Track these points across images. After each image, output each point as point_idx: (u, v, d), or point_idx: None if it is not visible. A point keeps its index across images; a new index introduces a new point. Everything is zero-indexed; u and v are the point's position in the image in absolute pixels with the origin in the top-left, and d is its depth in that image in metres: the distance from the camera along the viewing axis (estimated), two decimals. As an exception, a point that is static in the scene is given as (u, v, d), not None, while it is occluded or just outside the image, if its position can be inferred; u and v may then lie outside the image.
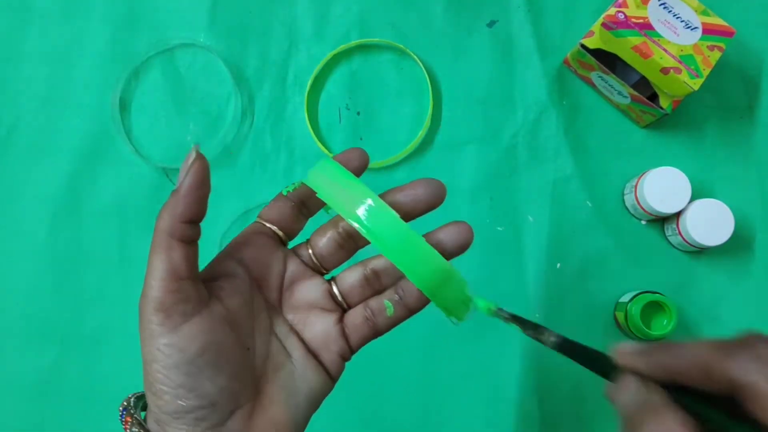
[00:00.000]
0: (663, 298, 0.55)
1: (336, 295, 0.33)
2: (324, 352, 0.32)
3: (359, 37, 0.62)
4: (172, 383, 0.27)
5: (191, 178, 0.29)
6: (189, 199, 0.29)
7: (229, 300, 0.30)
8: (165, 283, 0.28)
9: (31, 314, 0.59)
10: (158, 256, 0.28)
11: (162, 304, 0.27)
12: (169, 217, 0.29)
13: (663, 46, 0.54)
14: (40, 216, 0.60)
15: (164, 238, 0.28)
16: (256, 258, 0.32)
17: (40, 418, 0.58)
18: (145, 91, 0.62)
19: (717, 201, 0.56)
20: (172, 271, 0.28)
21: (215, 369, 0.28)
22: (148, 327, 0.28)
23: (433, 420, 0.57)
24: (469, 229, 0.33)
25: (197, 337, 0.28)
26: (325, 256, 0.33)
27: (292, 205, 0.33)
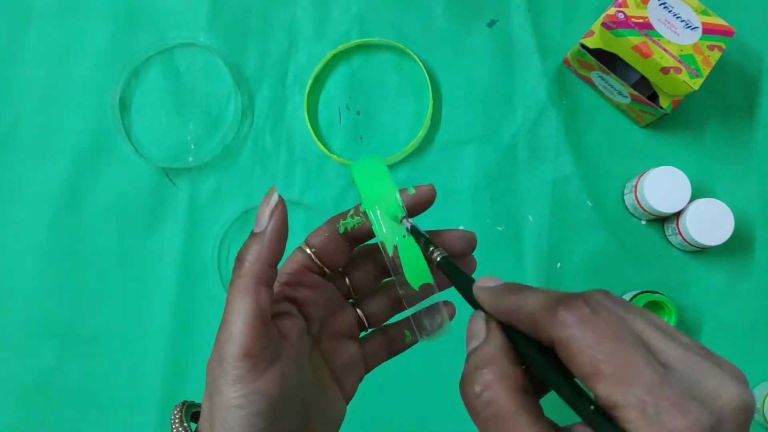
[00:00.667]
0: (663, 297, 0.55)
1: (363, 322, 0.34)
2: (346, 378, 0.33)
3: (359, 37, 0.62)
4: (252, 429, 0.27)
5: (276, 222, 0.28)
6: (275, 243, 0.28)
7: (293, 339, 0.30)
8: (253, 329, 0.27)
9: (31, 314, 0.59)
10: (244, 299, 0.27)
11: (250, 350, 0.27)
12: (258, 260, 0.28)
13: (663, 46, 0.54)
14: (40, 216, 0.60)
15: (251, 282, 0.27)
16: (308, 299, 0.31)
17: (40, 418, 0.58)
18: (145, 90, 0.62)
19: (717, 201, 0.56)
20: (260, 316, 0.27)
21: (289, 411, 0.28)
22: (232, 372, 0.26)
23: (433, 421, 0.57)
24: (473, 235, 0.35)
25: (279, 383, 0.27)
26: (362, 287, 0.34)
27: (348, 246, 0.32)
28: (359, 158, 0.31)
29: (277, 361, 0.27)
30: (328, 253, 0.31)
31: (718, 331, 0.58)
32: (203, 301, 0.59)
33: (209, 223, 0.60)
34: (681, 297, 0.58)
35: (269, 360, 0.27)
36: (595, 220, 0.60)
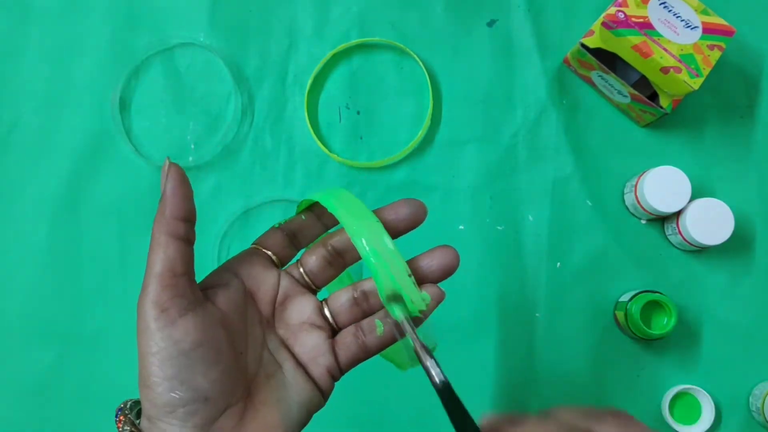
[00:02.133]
0: (663, 297, 0.55)
1: (327, 315, 0.35)
2: (313, 366, 0.34)
3: (359, 37, 0.62)
4: (165, 375, 0.28)
5: (171, 180, 0.31)
6: (174, 198, 0.31)
7: (223, 305, 0.32)
8: (161, 279, 0.29)
9: (31, 314, 0.59)
10: (155, 253, 0.30)
11: (158, 298, 0.29)
12: (161, 217, 0.30)
13: (663, 46, 0.54)
14: (40, 215, 0.60)
15: (159, 236, 0.30)
16: (251, 273, 0.34)
17: (40, 418, 0.58)
18: (145, 90, 0.62)
19: (717, 200, 0.56)
20: (168, 267, 0.30)
21: (208, 364, 0.29)
22: (145, 320, 0.29)
23: (433, 422, 0.57)
24: (454, 253, 0.35)
25: (191, 331, 0.29)
26: (316, 273, 0.35)
27: (284, 235, 0.35)
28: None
29: (189, 312, 0.29)
30: (270, 242, 0.35)
31: (718, 331, 0.58)
32: (203, 301, 0.59)
33: (209, 223, 0.60)
34: (681, 297, 0.58)
35: (181, 309, 0.29)
36: (595, 219, 0.60)
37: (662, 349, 0.58)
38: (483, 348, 0.58)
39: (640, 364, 0.58)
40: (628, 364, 0.58)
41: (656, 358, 0.58)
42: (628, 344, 0.58)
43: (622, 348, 0.58)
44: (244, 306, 0.33)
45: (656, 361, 0.58)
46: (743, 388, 0.58)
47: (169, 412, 0.29)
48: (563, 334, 0.59)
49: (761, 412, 0.55)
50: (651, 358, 0.58)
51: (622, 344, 0.58)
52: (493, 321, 0.59)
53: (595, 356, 0.58)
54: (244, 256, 0.35)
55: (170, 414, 0.29)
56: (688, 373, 0.58)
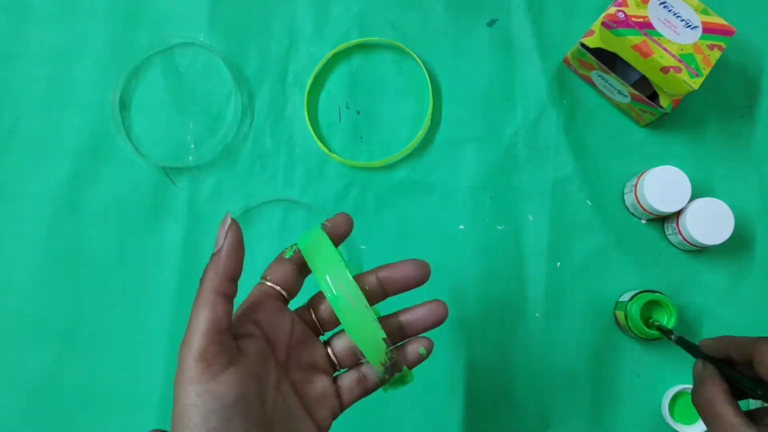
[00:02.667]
0: (663, 297, 0.55)
1: (332, 357, 0.37)
2: (319, 409, 0.36)
3: (359, 37, 0.62)
4: (206, 427, 0.29)
5: (231, 240, 0.32)
6: (231, 260, 0.32)
7: (252, 356, 0.33)
8: (208, 335, 0.30)
9: (31, 314, 0.59)
10: (202, 309, 0.31)
11: (204, 354, 0.30)
12: (215, 275, 0.32)
13: (663, 45, 0.54)
14: (40, 215, 0.60)
15: (209, 293, 0.31)
16: (269, 321, 0.35)
17: (40, 417, 0.58)
18: (145, 90, 0.62)
19: (717, 200, 0.56)
20: (216, 324, 0.31)
21: (244, 416, 0.30)
22: (188, 374, 0.30)
23: (434, 422, 0.57)
24: (444, 308, 0.38)
25: (232, 386, 0.30)
26: (326, 320, 0.37)
27: (294, 267, 0.37)
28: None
29: (231, 366, 0.31)
30: (280, 277, 0.36)
31: (718, 331, 0.58)
32: (203, 301, 0.59)
33: (209, 223, 0.60)
34: (681, 296, 0.58)
35: (223, 365, 0.30)
36: (595, 219, 0.60)
37: (662, 349, 0.58)
38: (483, 348, 0.58)
39: (640, 364, 0.58)
40: (628, 364, 0.58)
41: (656, 358, 0.58)
42: (628, 344, 0.58)
43: (622, 348, 0.58)
44: (267, 354, 0.34)
45: (656, 361, 0.58)
46: (743, 388, 0.58)
47: None
48: (563, 333, 0.59)
49: (761, 411, 0.55)
50: (651, 358, 0.58)
51: (622, 344, 0.58)
52: (493, 321, 0.59)
53: (595, 356, 0.58)
54: (258, 300, 0.35)
55: None
56: (688, 373, 0.58)
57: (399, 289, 0.37)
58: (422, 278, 0.37)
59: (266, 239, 0.60)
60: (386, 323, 0.37)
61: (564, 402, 0.58)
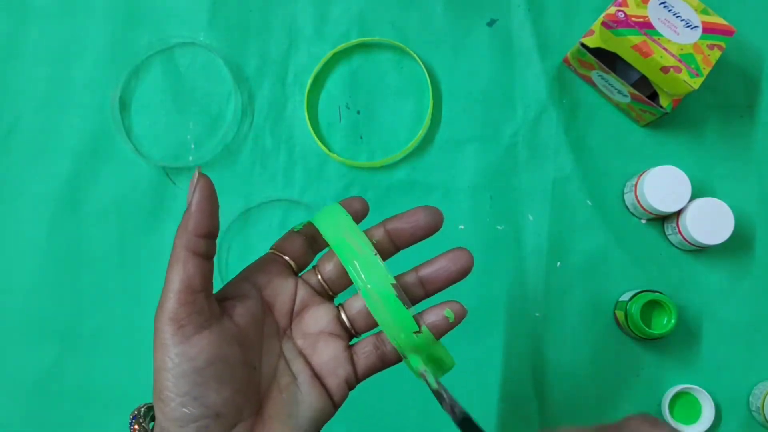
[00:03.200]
0: (663, 297, 0.55)
1: (344, 321, 0.35)
2: (330, 377, 0.33)
3: (359, 36, 0.62)
4: (179, 391, 0.28)
5: (198, 194, 0.30)
6: (199, 214, 0.30)
7: (240, 318, 0.31)
8: (180, 295, 0.29)
9: (31, 314, 0.59)
10: (174, 269, 0.30)
11: (176, 315, 0.29)
12: (184, 232, 0.30)
13: (663, 45, 0.54)
14: (40, 215, 0.60)
15: (180, 252, 0.30)
16: (269, 282, 0.34)
17: (40, 417, 0.58)
18: (145, 90, 0.62)
19: (717, 200, 0.56)
20: (187, 284, 0.29)
21: (221, 381, 0.29)
22: (161, 336, 0.29)
23: (433, 422, 0.57)
24: (468, 255, 0.35)
25: (206, 349, 0.29)
26: (333, 279, 0.35)
27: (303, 239, 0.35)
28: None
29: (206, 329, 0.29)
30: (288, 246, 0.35)
31: (717, 331, 0.58)
32: (203, 301, 0.59)
33: (209, 223, 0.60)
34: (681, 296, 0.58)
35: (197, 326, 0.29)
36: (595, 219, 0.60)
37: (662, 349, 0.58)
38: (483, 348, 0.58)
39: (640, 363, 0.58)
40: (628, 363, 0.58)
41: (656, 358, 0.58)
42: (628, 344, 0.58)
43: (622, 348, 0.58)
44: (261, 318, 0.33)
45: (656, 360, 0.58)
46: (743, 388, 0.58)
47: (180, 426, 0.29)
48: (563, 333, 0.59)
49: (761, 411, 0.55)
50: (651, 358, 0.58)
51: (622, 344, 0.58)
52: (493, 321, 0.59)
53: (595, 356, 0.58)
54: (261, 265, 0.34)
55: (181, 428, 0.29)
56: (688, 373, 0.58)
57: (410, 239, 0.35)
58: (434, 226, 0.35)
59: (266, 239, 0.60)
60: (404, 281, 0.34)
61: (564, 402, 0.58)
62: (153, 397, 0.30)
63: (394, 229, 0.34)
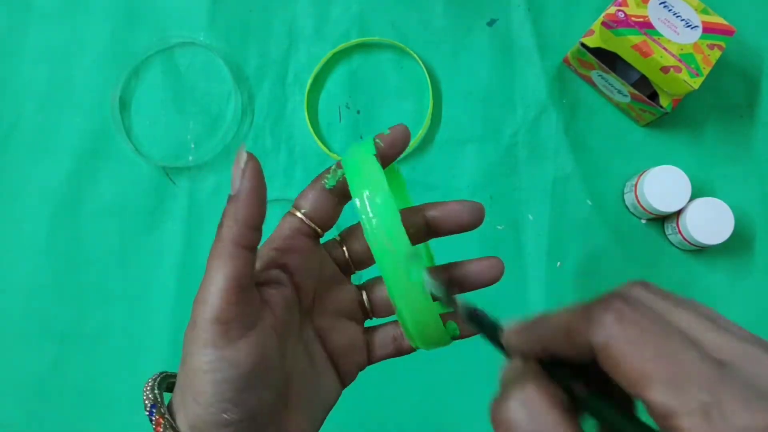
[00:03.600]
0: (663, 296, 0.55)
1: (365, 304, 0.32)
2: (345, 362, 0.31)
3: (359, 36, 0.62)
4: (220, 396, 0.26)
5: (249, 180, 0.27)
6: (251, 203, 0.27)
7: (277, 309, 0.28)
8: (228, 294, 0.26)
9: (31, 313, 0.59)
10: (220, 264, 0.26)
11: (222, 316, 0.26)
12: (233, 223, 0.27)
13: (663, 45, 0.54)
14: (40, 215, 0.60)
15: (227, 245, 0.26)
16: (300, 265, 0.30)
17: (40, 417, 0.58)
18: (145, 89, 0.62)
19: (717, 200, 0.56)
20: (237, 281, 0.26)
21: (263, 383, 0.27)
22: (203, 336, 0.26)
23: (433, 422, 0.57)
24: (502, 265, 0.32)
25: (252, 352, 0.26)
26: (361, 256, 0.32)
27: (336, 202, 0.31)
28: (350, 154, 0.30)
29: (252, 329, 0.26)
30: (318, 210, 0.30)
31: (718, 330, 0.58)
32: (203, 301, 0.59)
33: (209, 222, 0.60)
34: (681, 296, 0.58)
35: (244, 328, 0.26)
36: (595, 219, 0.60)
37: (662, 349, 0.58)
38: (483, 348, 0.58)
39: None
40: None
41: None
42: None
43: (622, 347, 0.58)
44: (293, 303, 0.30)
45: (656, 360, 0.58)
46: (743, 388, 0.58)
47: (215, 429, 0.26)
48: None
49: (761, 411, 0.55)
50: (651, 357, 0.58)
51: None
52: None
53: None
54: (289, 240, 0.30)
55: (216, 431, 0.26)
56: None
57: (446, 232, 0.32)
58: (475, 224, 0.32)
59: (265, 238, 0.60)
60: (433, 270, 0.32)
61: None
62: (181, 391, 0.27)
63: (433, 218, 0.32)
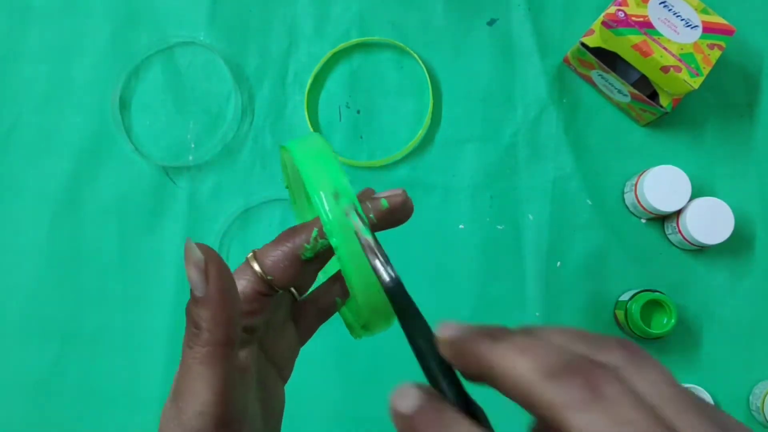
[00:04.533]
0: (663, 296, 0.55)
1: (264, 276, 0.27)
2: (287, 363, 0.30)
3: (359, 36, 0.62)
4: None
5: (215, 283, 0.23)
6: (227, 303, 0.23)
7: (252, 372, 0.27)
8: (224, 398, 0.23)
9: (31, 313, 0.59)
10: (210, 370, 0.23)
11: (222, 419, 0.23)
12: (215, 327, 0.23)
13: (663, 45, 0.54)
14: (40, 215, 0.60)
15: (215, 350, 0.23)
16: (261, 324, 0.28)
17: (40, 417, 0.58)
18: (146, 89, 0.62)
19: (717, 199, 0.56)
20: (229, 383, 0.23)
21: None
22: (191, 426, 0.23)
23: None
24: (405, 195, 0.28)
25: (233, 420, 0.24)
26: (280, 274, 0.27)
27: (305, 266, 0.27)
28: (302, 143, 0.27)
29: (246, 415, 0.24)
30: (284, 277, 0.27)
31: (717, 330, 0.58)
32: (203, 300, 0.59)
33: (209, 222, 0.60)
34: (681, 296, 0.58)
35: (243, 420, 0.24)
36: (595, 218, 0.60)
37: (662, 349, 0.58)
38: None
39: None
40: (628, 363, 0.58)
41: (656, 358, 0.58)
42: (628, 343, 0.58)
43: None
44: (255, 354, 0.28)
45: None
46: (743, 388, 0.58)
47: None
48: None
49: (761, 411, 0.55)
50: (651, 357, 0.58)
51: (622, 343, 0.58)
52: (493, 320, 0.59)
53: (595, 355, 0.58)
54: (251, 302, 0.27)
55: None
56: (688, 373, 0.58)
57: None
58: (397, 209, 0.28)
59: (266, 239, 0.59)
60: None
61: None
62: None
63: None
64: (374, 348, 0.57)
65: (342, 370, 0.58)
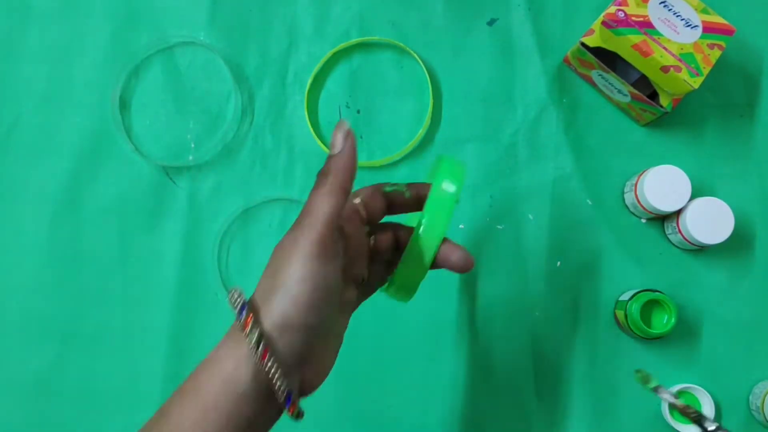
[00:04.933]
0: (663, 296, 0.55)
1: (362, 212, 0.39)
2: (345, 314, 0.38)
3: (359, 36, 0.62)
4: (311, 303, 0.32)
5: (350, 143, 0.35)
6: (352, 158, 0.35)
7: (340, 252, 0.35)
8: (330, 224, 0.33)
9: (31, 313, 0.59)
10: (328, 199, 0.33)
11: (324, 239, 0.32)
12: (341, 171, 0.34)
13: (663, 45, 0.54)
14: (40, 214, 0.60)
15: (336, 186, 0.34)
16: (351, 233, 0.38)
17: (40, 417, 0.58)
18: (146, 89, 0.62)
19: (717, 199, 0.56)
20: (336, 216, 0.33)
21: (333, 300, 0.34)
22: (307, 251, 0.32)
23: (434, 419, 0.58)
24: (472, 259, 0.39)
25: (335, 274, 0.33)
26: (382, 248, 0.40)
27: (385, 201, 0.40)
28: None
29: (336, 260, 0.33)
30: (372, 205, 0.40)
31: (717, 330, 0.58)
32: (203, 300, 0.59)
33: (209, 222, 0.60)
34: (681, 296, 0.58)
35: (334, 254, 0.33)
36: (595, 218, 0.60)
37: (662, 349, 0.58)
38: (482, 347, 0.58)
39: (639, 363, 0.58)
40: (628, 363, 0.58)
41: (656, 358, 0.58)
42: (628, 344, 0.58)
43: (622, 348, 0.58)
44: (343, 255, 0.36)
45: (656, 360, 0.58)
46: (743, 387, 0.58)
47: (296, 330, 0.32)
48: (563, 332, 0.59)
49: (761, 410, 0.55)
50: (651, 357, 0.58)
51: (622, 344, 0.58)
52: (493, 320, 0.59)
53: (595, 355, 0.58)
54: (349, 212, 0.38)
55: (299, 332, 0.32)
56: (688, 372, 0.58)
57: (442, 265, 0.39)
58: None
59: (266, 238, 0.60)
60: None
61: (564, 401, 0.58)
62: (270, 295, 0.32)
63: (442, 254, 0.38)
64: (374, 348, 0.57)
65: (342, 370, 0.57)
